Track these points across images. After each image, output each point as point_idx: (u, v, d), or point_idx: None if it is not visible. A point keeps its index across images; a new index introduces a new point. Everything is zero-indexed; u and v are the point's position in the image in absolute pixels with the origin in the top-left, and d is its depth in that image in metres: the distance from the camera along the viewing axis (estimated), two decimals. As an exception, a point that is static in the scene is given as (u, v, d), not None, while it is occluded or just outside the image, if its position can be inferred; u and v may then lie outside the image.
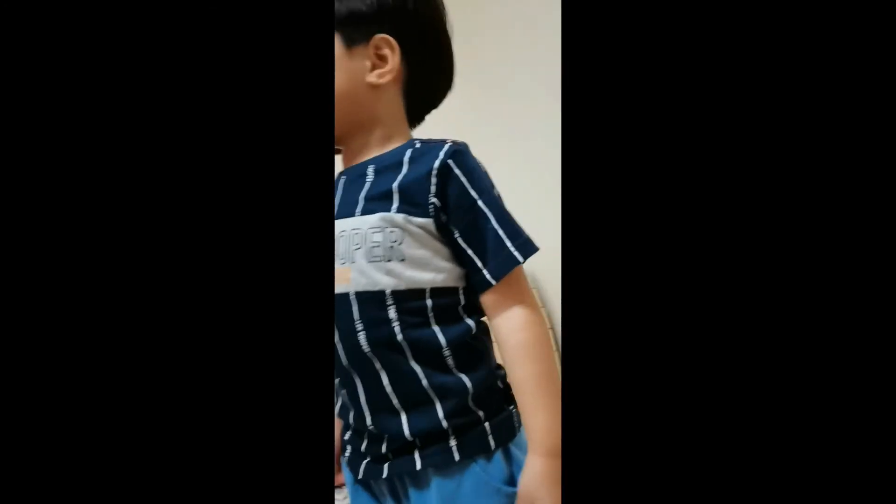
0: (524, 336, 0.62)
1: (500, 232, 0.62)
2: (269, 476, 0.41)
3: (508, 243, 0.62)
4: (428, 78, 0.71)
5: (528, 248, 0.63)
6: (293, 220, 0.42)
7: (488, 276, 0.62)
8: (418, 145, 0.66)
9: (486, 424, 0.63)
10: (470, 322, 0.65)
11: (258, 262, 0.42)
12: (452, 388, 0.62)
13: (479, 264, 0.62)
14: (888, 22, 0.37)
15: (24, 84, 0.39)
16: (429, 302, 0.62)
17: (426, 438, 0.62)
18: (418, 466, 0.62)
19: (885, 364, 0.37)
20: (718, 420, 0.39)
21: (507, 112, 2.09)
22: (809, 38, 0.38)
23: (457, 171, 0.62)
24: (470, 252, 0.62)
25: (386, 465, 0.64)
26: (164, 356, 0.40)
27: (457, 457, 0.62)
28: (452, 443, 0.62)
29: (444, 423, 0.62)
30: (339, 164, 0.73)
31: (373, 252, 0.61)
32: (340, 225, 0.63)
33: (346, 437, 0.71)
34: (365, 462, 0.67)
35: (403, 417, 0.62)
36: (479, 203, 0.62)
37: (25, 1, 0.39)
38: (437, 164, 0.61)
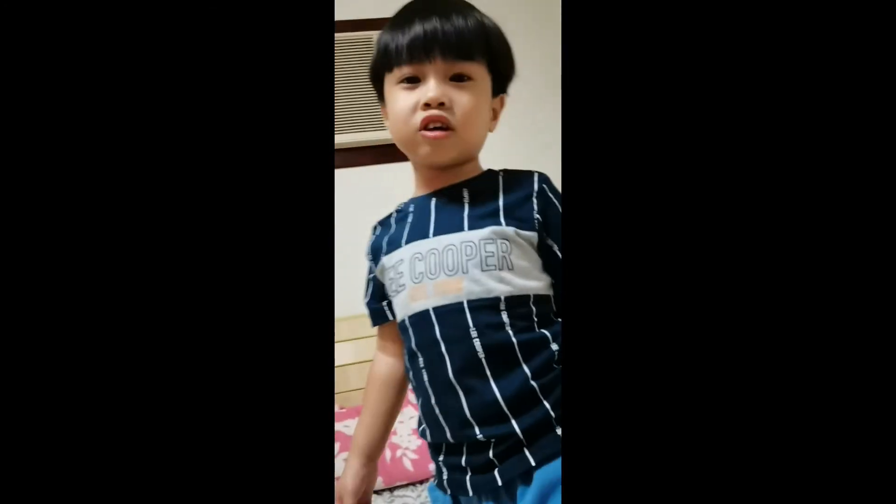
0: None
1: None
2: (271, 486, 0.41)
3: None
4: None
5: None
6: (294, 223, 0.42)
7: None
8: (508, 173, 0.77)
9: None
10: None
11: (260, 265, 0.42)
12: (558, 379, 0.66)
13: None
14: (888, 22, 0.37)
15: (21, 84, 0.39)
16: (533, 308, 0.68)
17: (535, 432, 0.64)
18: (532, 463, 0.64)
19: (883, 364, 0.37)
20: (718, 421, 0.39)
21: (508, 112, 2.08)
22: (809, 37, 0.38)
23: (550, 194, 0.73)
24: None
25: (496, 472, 0.65)
26: (164, 358, 0.40)
27: None
28: (559, 431, 0.64)
29: (552, 414, 0.65)
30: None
31: (487, 262, 0.67)
32: (447, 240, 0.69)
33: (440, 458, 0.72)
34: (468, 476, 0.68)
35: (512, 418, 0.64)
36: None
37: (25, 1, 0.39)
38: (535, 187, 0.72)
